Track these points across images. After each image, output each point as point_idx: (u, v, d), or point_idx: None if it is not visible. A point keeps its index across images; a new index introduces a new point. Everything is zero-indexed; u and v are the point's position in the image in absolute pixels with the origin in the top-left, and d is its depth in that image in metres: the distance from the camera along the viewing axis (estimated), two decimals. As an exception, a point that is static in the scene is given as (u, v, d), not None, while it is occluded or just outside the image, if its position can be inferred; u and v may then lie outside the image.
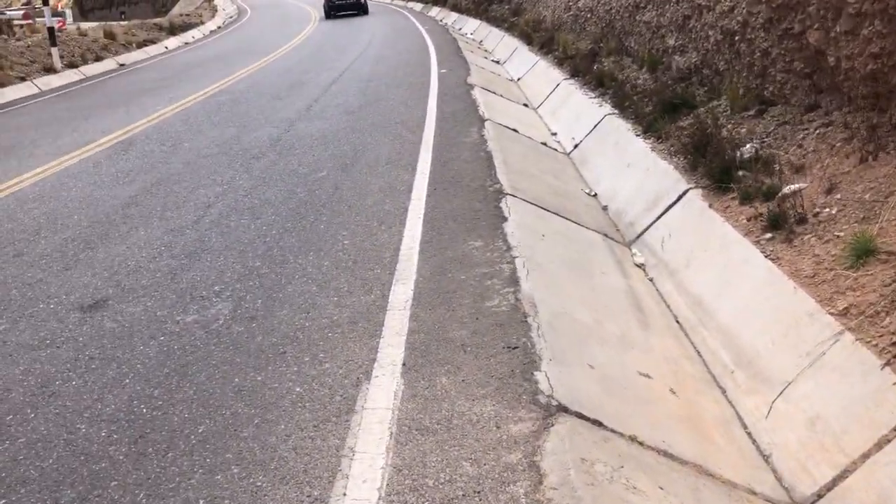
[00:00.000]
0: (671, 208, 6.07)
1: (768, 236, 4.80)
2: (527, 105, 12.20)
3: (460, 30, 25.38)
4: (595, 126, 9.07)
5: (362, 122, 10.03)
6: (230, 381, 3.65)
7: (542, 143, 9.36)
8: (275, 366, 3.76)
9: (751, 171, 5.73)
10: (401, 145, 8.49)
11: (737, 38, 7.43)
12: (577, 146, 9.14)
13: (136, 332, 4.30)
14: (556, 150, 9.27)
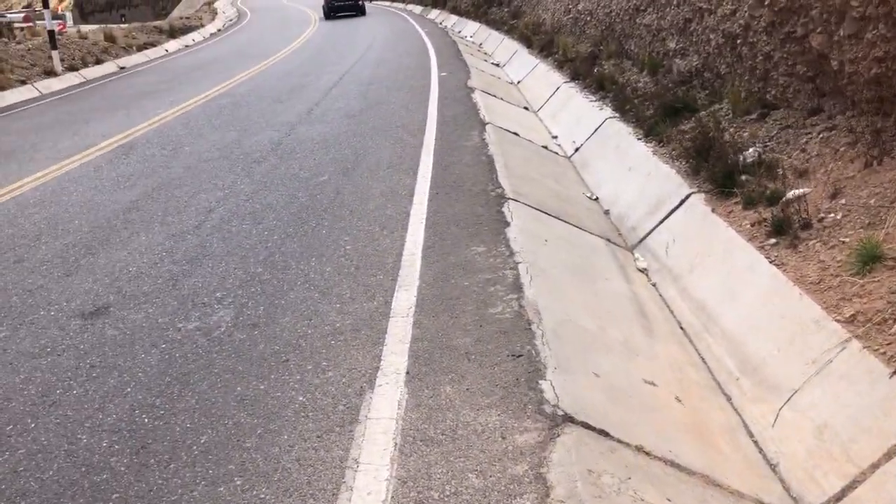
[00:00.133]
0: (673, 213, 6.05)
1: (773, 242, 4.77)
2: (527, 108, 12.19)
3: (460, 32, 25.38)
4: (596, 129, 9.05)
5: (363, 125, 10.01)
6: (232, 390, 3.62)
7: (542, 146, 9.34)
8: (277, 374, 3.74)
9: (754, 175, 5.70)
10: (402, 149, 8.47)
11: (738, 41, 7.40)
12: (577, 150, 9.11)
13: (137, 340, 4.27)
14: (556, 153, 9.24)
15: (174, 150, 9.19)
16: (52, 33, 19.01)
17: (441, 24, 29.86)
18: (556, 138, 10.06)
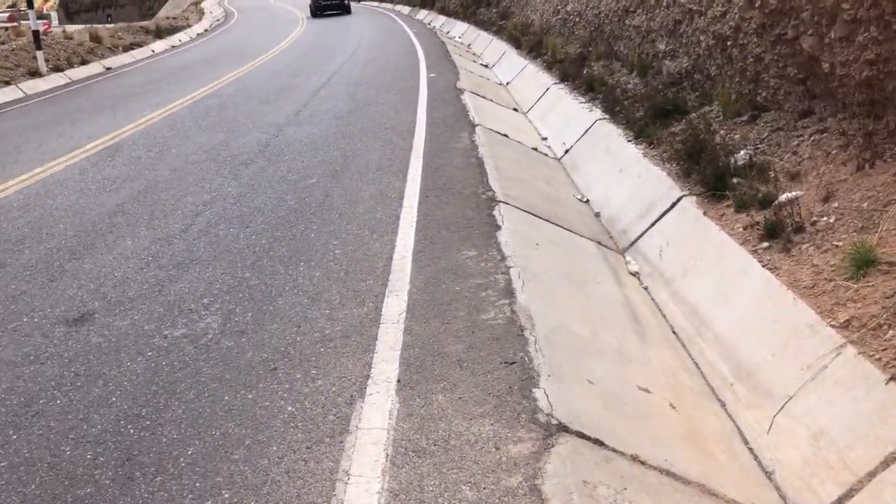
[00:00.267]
0: (665, 216, 6.02)
1: (765, 245, 4.74)
2: (516, 109, 12.15)
3: (448, 33, 25.33)
4: (586, 131, 9.02)
5: (352, 127, 9.94)
6: (220, 400, 3.55)
7: (532, 148, 9.30)
8: (266, 383, 3.67)
9: (745, 178, 5.68)
10: (391, 151, 8.41)
11: (729, 43, 7.39)
12: (567, 151, 9.08)
13: (122, 348, 4.19)
14: (546, 155, 9.21)
15: (160, 153, 9.09)
16: (36, 33, 18.81)
17: (429, 24, 29.80)
18: (545, 140, 10.02)
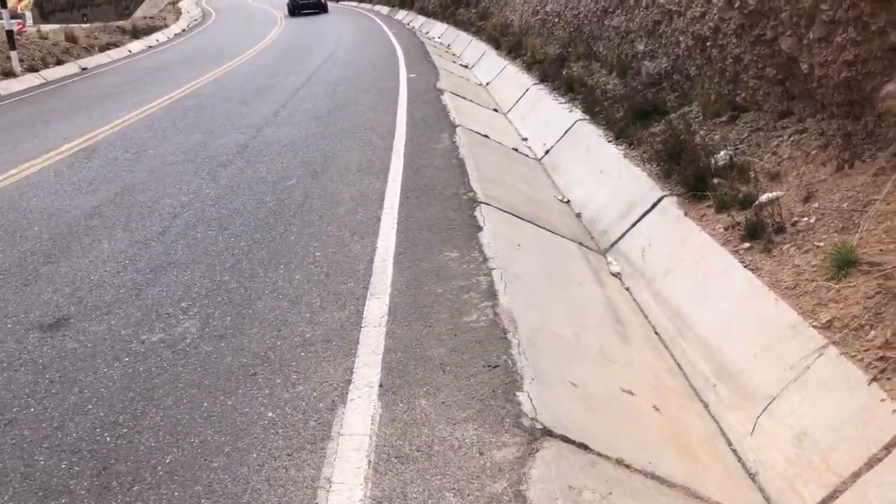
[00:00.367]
0: (646, 216, 6.02)
1: (747, 246, 4.75)
2: (496, 110, 12.13)
3: (427, 33, 25.28)
4: (566, 132, 9.02)
5: (331, 127, 9.87)
6: (199, 406, 3.49)
7: (513, 148, 9.28)
8: (245, 388, 3.61)
9: (726, 178, 5.69)
10: (371, 152, 8.35)
11: (708, 43, 7.41)
12: (548, 152, 9.07)
13: (99, 353, 4.11)
14: (527, 155, 9.19)
15: (137, 154, 8.97)
16: (10, 33, 18.52)
17: (408, 24, 29.74)
18: (526, 140, 10.01)
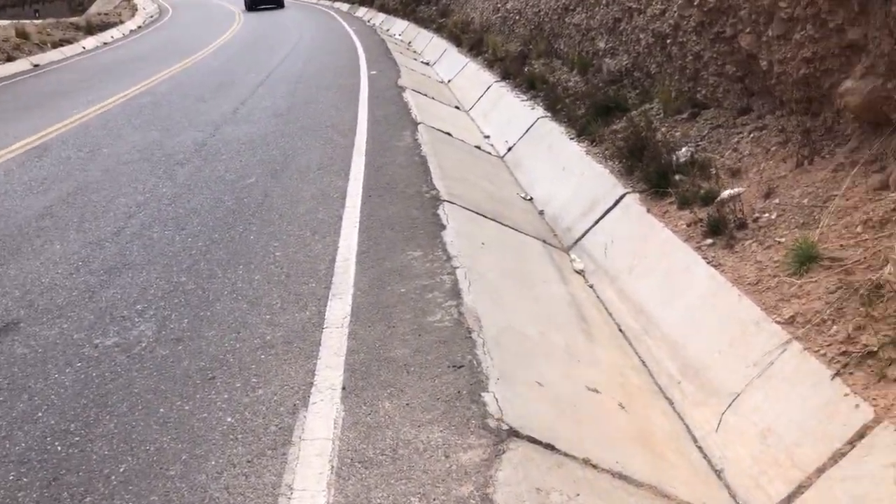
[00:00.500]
0: (609, 213, 6.01)
1: (709, 242, 4.76)
2: (458, 108, 12.08)
3: (388, 31, 25.15)
4: (528, 129, 9.00)
5: (292, 125, 9.73)
6: (154, 412, 3.38)
7: (475, 146, 9.24)
8: (203, 393, 3.51)
9: (687, 175, 5.71)
10: (332, 150, 8.24)
11: (668, 40, 7.44)
12: (510, 149, 9.05)
13: (50, 359, 3.97)
14: (489, 153, 9.15)
15: (91, 152, 8.75)
16: (-43, 28, 18.02)
17: (369, 21, 29.56)
18: (488, 138, 9.97)
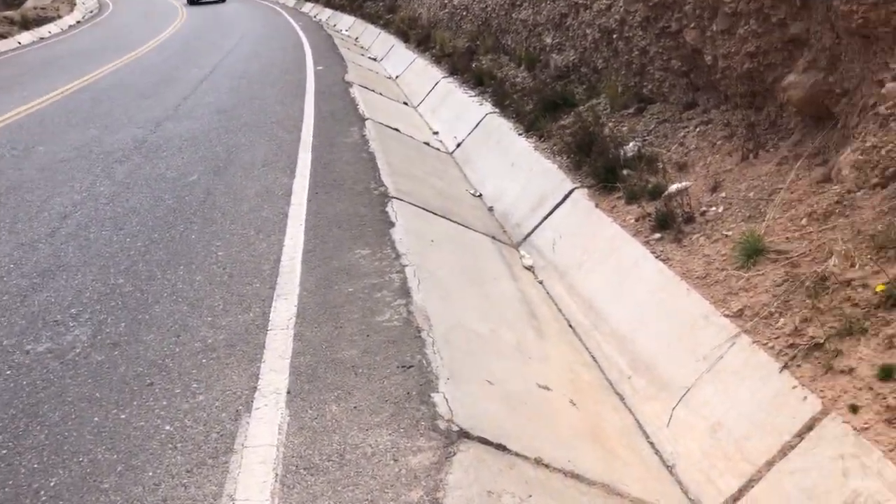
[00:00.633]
0: (557, 209, 5.99)
1: (657, 236, 4.76)
2: (407, 103, 11.98)
3: (335, 26, 24.90)
4: (476, 125, 8.95)
5: (235, 121, 9.51)
6: (89, 421, 3.23)
7: (424, 142, 9.16)
8: (140, 400, 3.36)
9: (635, 169, 5.72)
10: (277, 146, 8.07)
11: (615, 36, 7.46)
12: (459, 145, 8.99)
13: (-24, 367, 3.77)
14: (438, 149, 9.08)
15: (26, 151, 8.42)
16: None
17: (315, 17, 29.22)
18: (437, 134, 9.90)
